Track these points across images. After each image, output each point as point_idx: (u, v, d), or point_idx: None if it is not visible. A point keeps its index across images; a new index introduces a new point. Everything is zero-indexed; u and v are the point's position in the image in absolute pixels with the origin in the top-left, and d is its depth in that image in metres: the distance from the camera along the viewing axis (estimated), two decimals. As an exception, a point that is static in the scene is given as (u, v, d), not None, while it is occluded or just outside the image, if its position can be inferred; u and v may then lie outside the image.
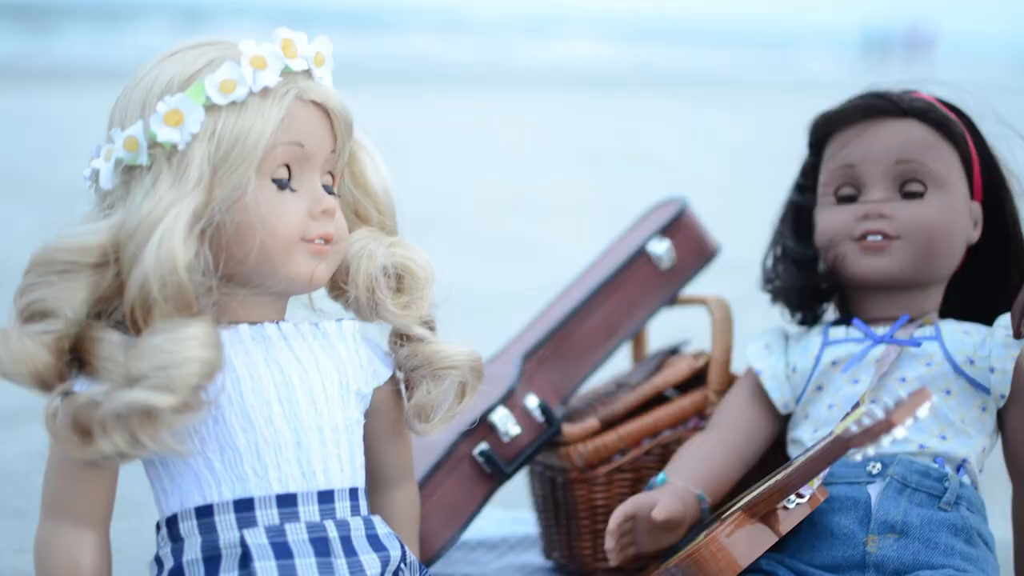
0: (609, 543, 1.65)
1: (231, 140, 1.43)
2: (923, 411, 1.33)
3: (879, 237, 1.76)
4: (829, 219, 1.81)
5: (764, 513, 1.55)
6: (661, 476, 1.74)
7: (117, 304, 1.44)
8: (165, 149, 1.43)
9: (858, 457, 1.39)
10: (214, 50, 1.48)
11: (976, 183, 1.81)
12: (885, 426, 1.34)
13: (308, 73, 1.50)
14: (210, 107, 1.43)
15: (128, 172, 1.45)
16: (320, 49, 1.51)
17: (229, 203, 1.43)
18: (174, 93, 1.44)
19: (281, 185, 1.48)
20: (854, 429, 1.37)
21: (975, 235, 1.81)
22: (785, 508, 1.56)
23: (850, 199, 1.80)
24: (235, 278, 1.48)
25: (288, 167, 1.48)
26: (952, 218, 1.77)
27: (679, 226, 2.08)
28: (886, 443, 1.35)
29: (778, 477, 1.55)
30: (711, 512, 1.74)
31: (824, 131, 1.85)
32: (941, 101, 1.83)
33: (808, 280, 1.86)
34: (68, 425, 1.40)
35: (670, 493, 1.71)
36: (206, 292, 1.42)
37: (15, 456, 2.57)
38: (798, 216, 1.90)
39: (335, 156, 1.53)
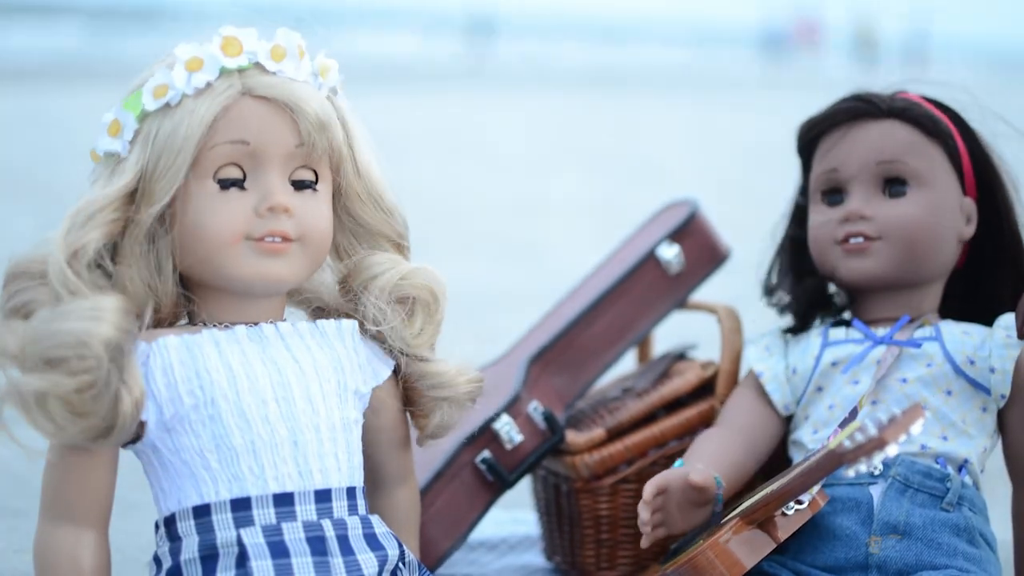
0: (644, 515, 1.59)
1: (162, 142, 1.45)
2: (916, 428, 1.33)
3: (860, 239, 1.77)
4: (816, 223, 1.82)
5: (762, 520, 1.55)
6: (678, 462, 1.72)
7: None
8: (112, 158, 1.47)
9: (851, 473, 1.38)
10: (164, 59, 1.50)
11: (968, 179, 1.81)
12: (878, 443, 1.34)
13: (261, 68, 1.49)
14: (145, 114, 1.46)
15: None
16: (280, 43, 1.50)
17: (164, 205, 1.45)
18: (125, 100, 1.48)
19: (225, 184, 1.48)
20: (847, 444, 1.37)
21: (968, 231, 1.81)
22: (784, 514, 1.56)
23: (837, 203, 1.81)
24: (197, 279, 1.50)
25: (240, 166, 1.48)
26: (937, 216, 1.77)
27: (689, 230, 2.05)
28: (878, 460, 1.35)
29: (774, 486, 1.55)
30: (724, 506, 1.72)
31: (810, 136, 1.86)
32: (928, 99, 1.83)
33: (811, 288, 1.87)
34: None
35: (695, 466, 1.65)
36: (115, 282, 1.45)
37: (15, 456, 2.55)
38: (801, 218, 1.90)
39: (304, 150, 1.50)
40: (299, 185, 1.51)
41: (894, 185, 1.78)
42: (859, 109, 1.81)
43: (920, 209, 1.76)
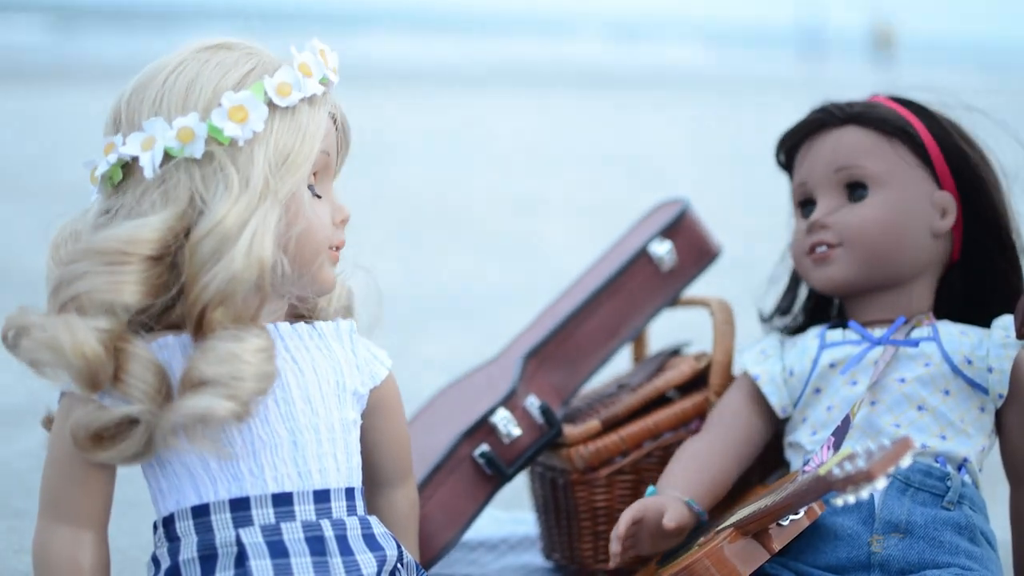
0: (615, 547, 1.64)
1: (287, 145, 1.44)
2: (905, 461, 1.34)
3: (824, 248, 1.80)
4: (793, 236, 1.86)
5: (756, 531, 1.57)
6: (651, 489, 1.74)
7: (153, 303, 1.42)
8: (223, 145, 1.42)
9: (839, 502, 1.39)
10: (252, 53, 1.48)
11: (941, 173, 1.82)
12: (865, 476, 1.34)
13: (329, 84, 1.52)
14: (271, 108, 1.44)
15: (173, 165, 1.43)
16: (335, 62, 1.53)
17: (290, 209, 1.44)
18: (236, 90, 1.44)
19: (313, 193, 1.50)
20: (836, 473, 1.38)
21: (943, 224, 1.81)
22: (779, 525, 1.57)
23: (810, 214, 1.84)
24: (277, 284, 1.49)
25: (314, 175, 1.50)
26: (898, 214, 1.78)
27: (681, 227, 2.06)
28: (866, 493, 1.35)
29: (767, 501, 1.56)
30: (709, 520, 1.74)
31: (785, 152, 1.90)
32: (895, 99, 1.85)
33: (822, 314, 1.93)
34: (89, 433, 1.41)
35: (674, 499, 1.70)
36: (279, 298, 1.47)
37: (15, 456, 2.56)
38: None
39: (337, 168, 1.56)
40: None
41: (856, 189, 1.81)
42: (819, 120, 1.85)
43: (879, 210, 1.78)
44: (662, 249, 2.05)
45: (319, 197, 1.50)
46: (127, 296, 1.39)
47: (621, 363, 2.25)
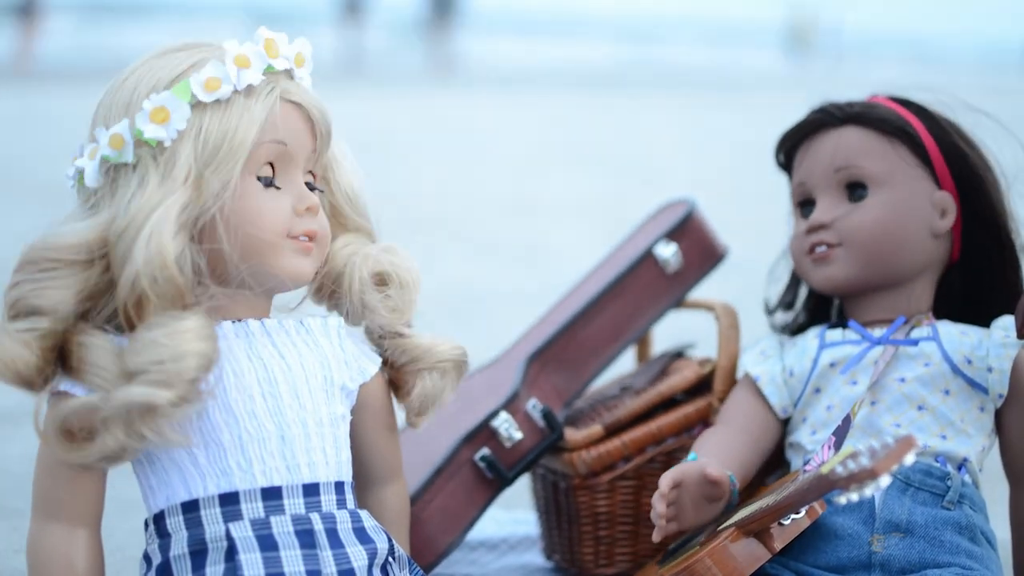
0: (659, 507, 1.61)
1: (218, 138, 1.45)
2: (909, 458, 1.34)
3: (824, 248, 1.80)
4: (792, 236, 1.87)
5: (758, 531, 1.56)
6: (692, 455, 1.73)
7: (105, 302, 1.45)
8: (151, 147, 1.45)
9: (842, 500, 1.39)
10: (199, 51, 1.50)
11: (941, 173, 1.82)
12: (869, 474, 1.34)
13: (289, 74, 1.52)
14: (196, 105, 1.45)
15: (113, 171, 1.47)
16: (300, 50, 1.53)
17: (217, 201, 1.45)
18: (160, 92, 1.46)
19: (266, 183, 1.50)
20: (839, 471, 1.38)
21: (943, 224, 1.81)
22: (780, 524, 1.57)
23: (810, 214, 1.84)
24: (224, 276, 1.49)
25: (272, 165, 1.50)
26: (898, 214, 1.79)
27: (687, 229, 2.05)
28: (870, 491, 1.35)
29: (769, 500, 1.56)
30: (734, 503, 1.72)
31: (784, 152, 1.90)
32: (894, 99, 1.85)
33: (823, 313, 1.92)
34: (56, 429, 1.42)
35: (712, 462, 1.67)
36: (199, 285, 1.44)
37: (15, 456, 2.56)
38: None
39: (315, 156, 1.55)
40: (309, 187, 1.55)
41: (855, 190, 1.81)
42: (819, 120, 1.85)
43: (878, 210, 1.78)
44: (668, 251, 2.04)
45: (277, 188, 1.50)
46: (61, 301, 1.42)
47: (624, 363, 2.25)
